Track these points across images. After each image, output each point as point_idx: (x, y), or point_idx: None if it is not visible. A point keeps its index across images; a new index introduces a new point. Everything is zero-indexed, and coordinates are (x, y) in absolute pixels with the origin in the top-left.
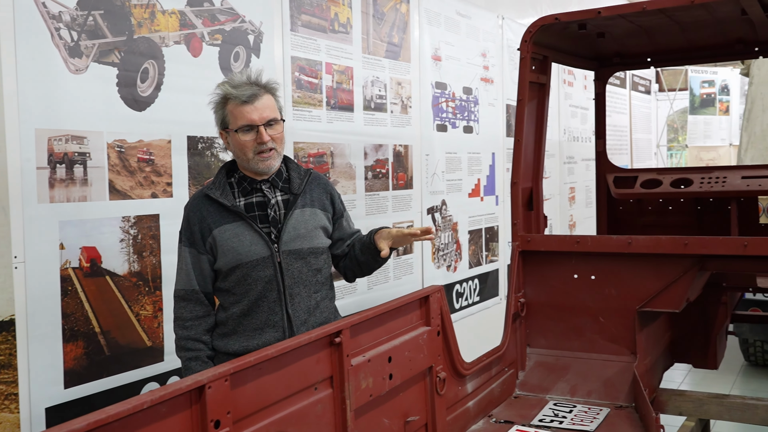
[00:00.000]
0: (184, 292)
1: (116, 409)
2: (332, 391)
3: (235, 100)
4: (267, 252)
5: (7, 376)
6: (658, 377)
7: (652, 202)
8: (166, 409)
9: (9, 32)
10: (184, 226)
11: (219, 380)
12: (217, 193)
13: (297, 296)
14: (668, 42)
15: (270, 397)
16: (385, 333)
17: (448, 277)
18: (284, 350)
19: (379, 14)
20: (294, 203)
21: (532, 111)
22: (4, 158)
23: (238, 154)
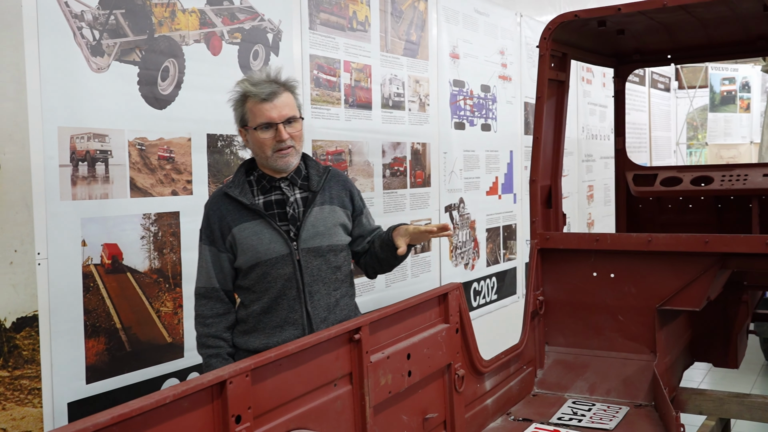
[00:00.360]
0: (204, 290)
1: (139, 404)
2: (351, 388)
3: (255, 97)
4: (286, 250)
5: (30, 371)
6: (678, 376)
7: (671, 200)
8: (189, 404)
9: (32, 31)
10: (204, 225)
11: (240, 376)
12: (236, 191)
13: (317, 294)
14: (689, 39)
15: (290, 393)
16: (404, 330)
17: (465, 275)
18: (304, 347)
19: (397, 12)
20: (313, 201)
21: (551, 108)
22: (28, 156)
23: (257, 151)
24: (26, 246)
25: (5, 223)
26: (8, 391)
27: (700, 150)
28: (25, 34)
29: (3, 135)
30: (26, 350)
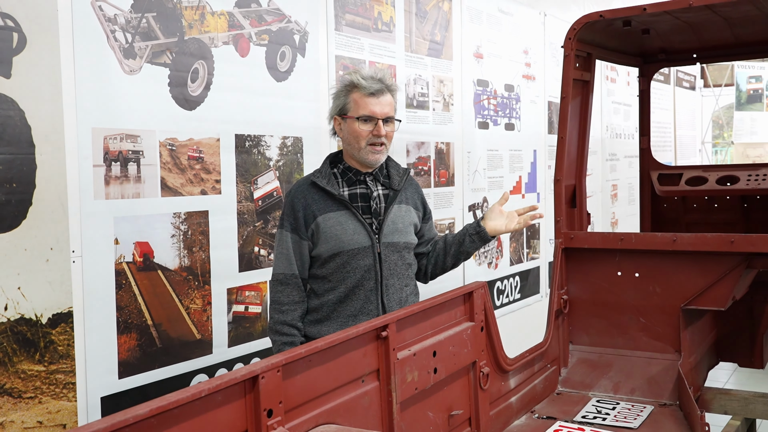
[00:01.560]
0: (283, 276)
1: (176, 397)
2: (379, 384)
3: (363, 90)
4: (368, 242)
5: (65, 366)
6: (703, 376)
7: (696, 200)
8: (222, 398)
9: (68, 35)
10: (286, 212)
11: (272, 371)
12: (323, 181)
13: (391, 287)
14: (715, 38)
15: (319, 388)
16: (430, 328)
17: (489, 274)
18: (333, 343)
19: (421, 12)
20: (394, 198)
21: (575, 108)
22: (63, 157)
23: (351, 141)
24: (61, 244)
25: (42, 222)
26: (44, 385)
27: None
28: (60, 37)
29: (40, 136)
30: (61, 345)
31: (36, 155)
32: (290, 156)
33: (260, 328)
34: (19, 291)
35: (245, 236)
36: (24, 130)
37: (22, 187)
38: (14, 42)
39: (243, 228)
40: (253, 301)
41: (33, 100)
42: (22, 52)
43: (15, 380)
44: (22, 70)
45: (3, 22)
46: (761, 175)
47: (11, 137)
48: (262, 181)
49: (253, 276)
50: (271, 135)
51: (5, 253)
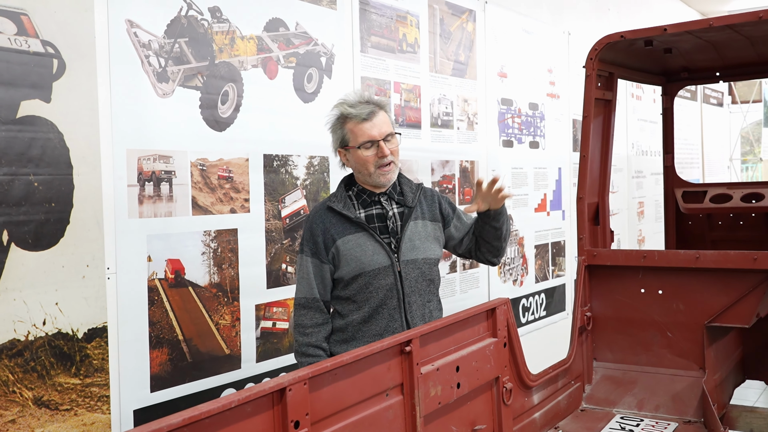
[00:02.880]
0: (305, 300)
1: (208, 407)
2: (402, 398)
3: (355, 118)
4: (388, 261)
5: (100, 379)
6: (729, 393)
7: (722, 217)
8: (251, 409)
9: (104, 61)
10: (306, 237)
11: (299, 383)
12: (339, 205)
13: (414, 304)
14: (737, 56)
15: (345, 401)
16: (453, 343)
17: (514, 291)
18: (358, 357)
19: (445, 34)
20: (409, 216)
21: (598, 127)
22: (99, 176)
23: (359, 169)
24: (97, 261)
25: (78, 239)
26: (80, 398)
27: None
28: (98, 63)
29: (77, 158)
30: (96, 359)
31: (74, 176)
32: (317, 175)
33: (287, 344)
34: (57, 306)
35: (273, 253)
36: (63, 152)
37: (61, 207)
38: (54, 68)
39: (271, 245)
40: (280, 317)
41: (71, 123)
42: (61, 77)
43: (52, 393)
44: (62, 94)
45: (44, 48)
46: None
47: (51, 159)
48: (289, 199)
49: (281, 293)
50: (299, 155)
51: (44, 270)
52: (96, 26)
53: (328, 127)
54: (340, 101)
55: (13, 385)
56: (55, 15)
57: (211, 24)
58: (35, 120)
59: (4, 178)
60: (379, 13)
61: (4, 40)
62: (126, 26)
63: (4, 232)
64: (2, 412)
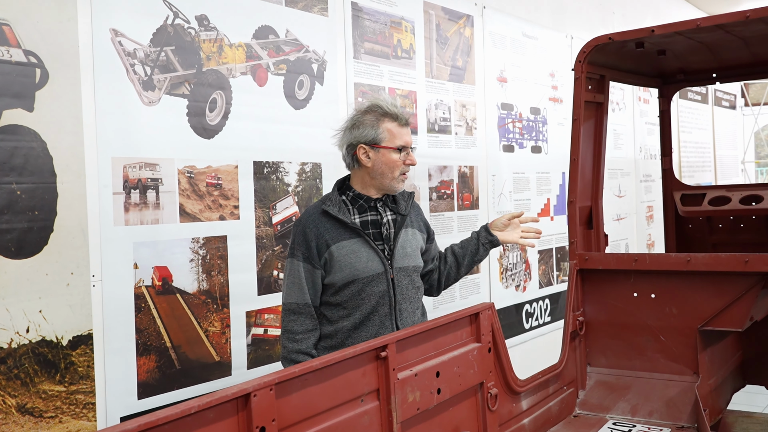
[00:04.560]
0: (296, 306)
1: (165, 413)
2: (379, 404)
3: (398, 120)
4: (381, 268)
5: (85, 387)
6: (726, 398)
7: (722, 220)
8: (214, 415)
9: (89, 70)
10: (298, 241)
11: (264, 389)
12: (334, 209)
13: (405, 311)
14: (733, 57)
15: (316, 406)
16: (434, 348)
17: (516, 297)
18: (330, 362)
19: (442, 39)
20: (402, 223)
21: (589, 130)
22: (84, 185)
23: (384, 171)
24: (82, 269)
25: (62, 247)
26: (64, 405)
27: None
28: (81, 72)
29: (61, 166)
30: (81, 367)
31: (57, 184)
32: (309, 181)
33: (279, 351)
34: (41, 314)
35: (264, 260)
36: (46, 161)
37: (44, 215)
38: (37, 77)
39: (262, 252)
40: (272, 323)
41: (55, 132)
42: (44, 87)
43: (36, 400)
44: (45, 104)
45: (27, 58)
46: None
47: (34, 167)
48: (280, 206)
49: (273, 299)
50: (290, 161)
51: (27, 278)
52: (80, 36)
53: (354, 120)
54: (376, 99)
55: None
56: (38, 25)
57: (198, 32)
58: (18, 129)
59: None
60: (373, 20)
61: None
62: (110, 35)
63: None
64: None
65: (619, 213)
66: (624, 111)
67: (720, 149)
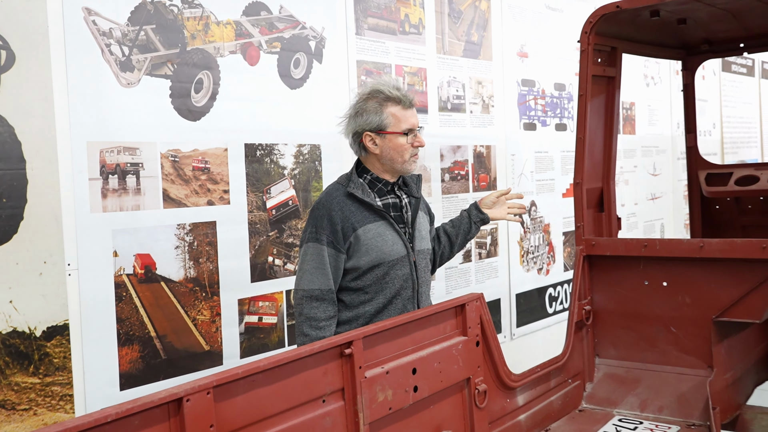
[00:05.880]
0: (319, 292)
1: (76, 422)
2: (344, 404)
3: (402, 103)
4: (404, 251)
5: (61, 378)
6: (746, 393)
7: (752, 201)
8: (139, 422)
9: (60, 51)
10: (322, 225)
11: (199, 393)
12: (359, 192)
13: (423, 294)
14: (762, 24)
15: (266, 409)
16: (411, 343)
17: (539, 280)
18: (281, 362)
19: (455, 13)
20: (417, 206)
21: (599, 106)
22: (56, 171)
23: (392, 155)
24: (55, 257)
25: (34, 235)
26: (39, 397)
27: None
28: (51, 53)
29: (31, 151)
30: (57, 358)
31: (27, 170)
32: (307, 164)
33: (276, 339)
34: (11, 304)
35: (258, 246)
36: (14, 146)
37: (13, 202)
38: (2, 59)
39: (255, 238)
40: (267, 311)
41: (23, 116)
42: (10, 69)
43: (8, 392)
44: (11, 86)
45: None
46: None
47: (1, 153)
48: (275, 190)
49: (267, 286)
50: (285, 143)
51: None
52: (49, 15)
53: (357, 107)
54: (381, 82)
55: None
56: (3, 4)
57: (181, 10)
58: None
59: None
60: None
61: None
62: (83, 14)
63: None
64: None
65: (654, 192)
66: (660, 85)
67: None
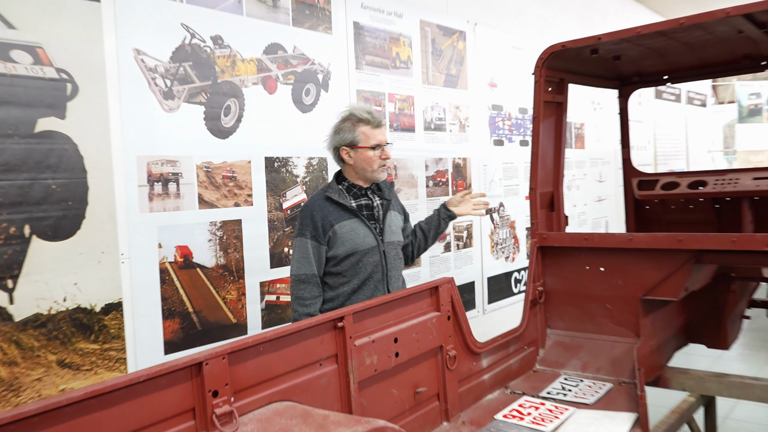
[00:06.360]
0: (305, 276)
1: (113, 382)
2: (337, 367)
3: (371, 123)
4: (375, 242)
5: (117, 345)
6: (667, 356)
7: (675, 202)
8: (167, 381)
9: (114, 82)
10: (306, 222)
11: (216, 358)
12: (335, 195)
13: (393, 277)
14: (680, 61)
15: (272, 371)
16: (394, 318)
17: (506, 266)
18: (284, 333)
19: (437, 51)
20: (388, 206)
21: (550, 126)
22: (112, 179)
23: (363, 167)
24: (111, 249)
25: (94, 231)
26: (99, 360)
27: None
28: (108, 85)
29: (91, 164)
30: (113, 329)
31: (88, 179)
32: (316, 173)
33: (290, 313)
34: (76, 286)
35: (276, 239)
36: (77, 160)
37: (77, 205)
38: (68, 90)
39: (273, 232)
40: (284, 291)
41: (84, 136)
42: (75, 98)
43: (74, 356)
44: (76, 112)
45: (58, 75)
46: (726, 180)
47: (67, 165)
48: (290, 194)
49: (284, 271)
50: (298, 156)
51: (64, 257)
52: (106, 55)
53: (336, 127)
54: (352, 108)
55: (38, 351)
56: (68, 47)
57: (213, 50)
58: (52, 134)
59: (25, 183)
60: (373, 36)
61: (21, 69)
62: (134, 54)
63: (26, 227)
64: (29, 372)
65: (600, 195)
66: (605, 109)
67: (692, 141)
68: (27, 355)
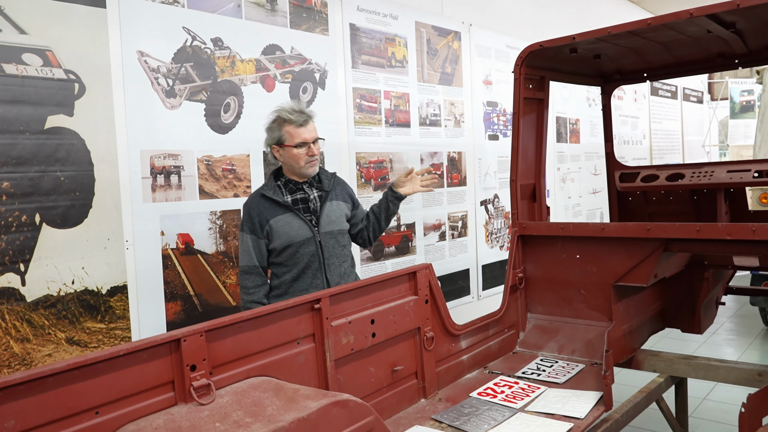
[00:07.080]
0: (247, 268)
1: (95, 355)
2: (314, 345)
3: (294, 123)
4: (310, 234)
5: (122, 325)
6: (641, 339)
7: (656, 194)
8: (147, 356)
9: (119, 83)
10: (245, 219)
11: (194, 335)
12: (270, 192)
13: (332, 265)
14: (658, 59)
15: (250, 348)
16: (371, 301)
17: (500, 255)
18: (261, 313)
19: (432, 51)
20: (326, 198)
21: (531, 122)
22: (117, 172)
23: (291, 164)
24: (116, 236)
25: (100, 219)
26: (105, 338)
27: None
28: (113, 85)
29: (97, 157)
30: (118, 310)
31: (95, 171)
32: None
33: None
34: (83, 270)
35: None
36: (84, 154)
37: (84, 195)
38: (76, 90)
39: None
40: None
41: (91, 131)
42: (82, 96)
43: (82, 335)
44: (83, 110)
45: (66, 76)
46: (702, 173)
47: (75, 159)
48: None
49: None
50: None
51: (72, 243)
52: (111, 57)
53: (267, 127)
54: (279, 108)
55: (48, 329)
56: (76, 50)
57: (213, 51)
58: (60, 130)
59: (36, 175)
60: (369, 37)
61: (32, 71)
62: (137, 55)
63: (37, 215)
64: (40, 349)
65: (594, 187)
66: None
67: (688, 136)
68: (38, 333)
